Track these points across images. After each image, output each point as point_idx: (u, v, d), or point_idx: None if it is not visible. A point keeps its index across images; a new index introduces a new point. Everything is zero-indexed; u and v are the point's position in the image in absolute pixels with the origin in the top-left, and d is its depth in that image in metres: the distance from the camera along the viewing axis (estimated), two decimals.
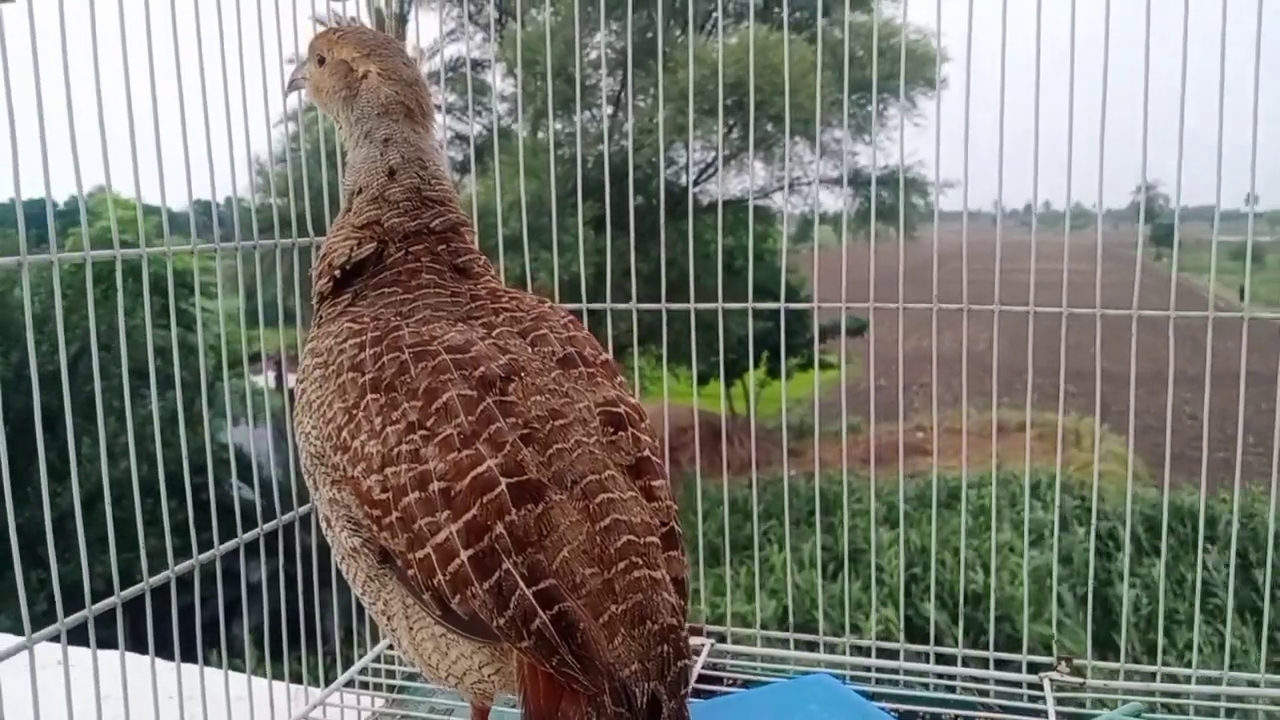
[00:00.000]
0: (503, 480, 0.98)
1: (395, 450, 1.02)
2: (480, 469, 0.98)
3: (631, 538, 0.99)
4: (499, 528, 0.95)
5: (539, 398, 1.07)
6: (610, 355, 1.23)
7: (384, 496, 1.02)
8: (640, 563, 0.98)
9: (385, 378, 1.07)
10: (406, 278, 1.26)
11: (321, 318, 1.30)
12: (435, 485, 0.99)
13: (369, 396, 1.07)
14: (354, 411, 1.07)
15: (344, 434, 1.08)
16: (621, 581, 0.96)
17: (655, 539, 1.01)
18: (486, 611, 0.95)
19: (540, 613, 0.93)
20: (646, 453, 1.09)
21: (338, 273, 1.30)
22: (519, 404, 1.05)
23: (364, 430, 1.06)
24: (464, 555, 0.95)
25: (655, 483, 1.07)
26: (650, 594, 0.96)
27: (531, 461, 1.00)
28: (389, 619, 1.11)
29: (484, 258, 1.35)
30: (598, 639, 0.93)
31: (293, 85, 1.49)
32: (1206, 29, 1.64)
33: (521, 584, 0.94)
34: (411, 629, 1.09)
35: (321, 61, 1.37)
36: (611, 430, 1.08)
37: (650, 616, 0.95)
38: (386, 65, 1.33)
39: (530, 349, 1.14)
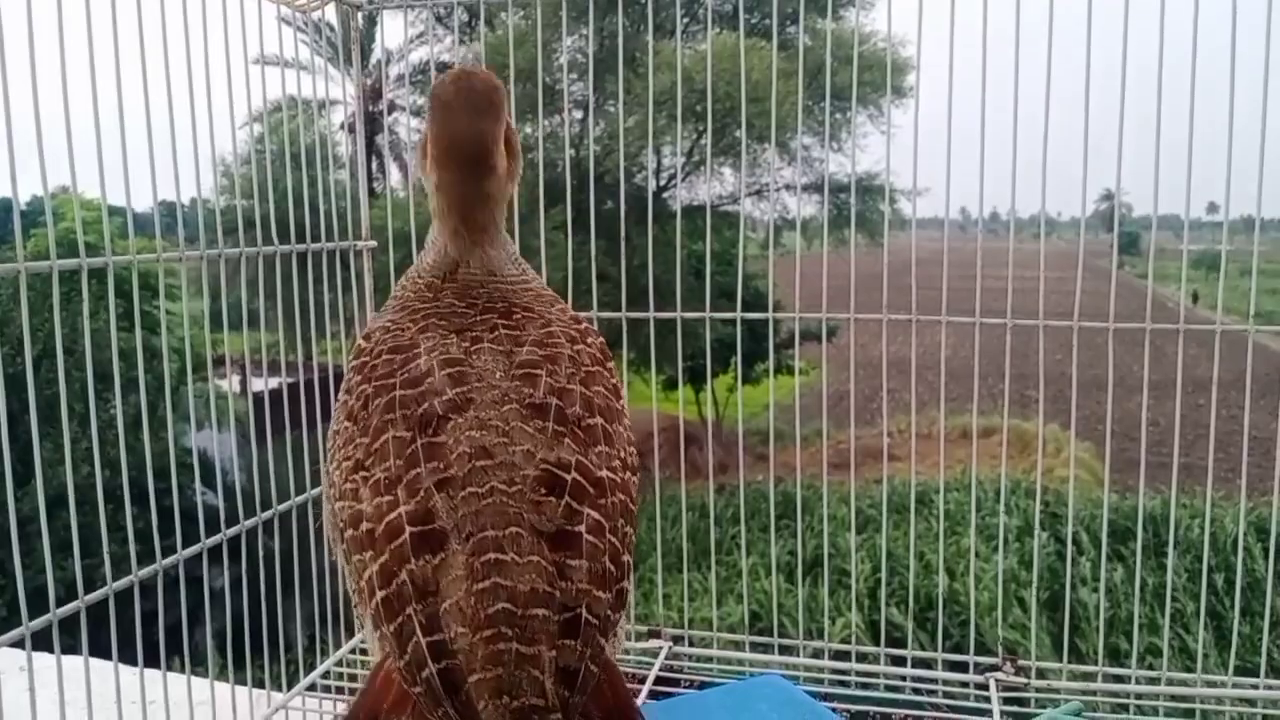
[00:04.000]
0: (408, 528, 0.99)
1: (344, 486, 1.08)
2: (393, 515, 1.00)
3: (508, 606, 0.94)
4: (403, 574, 0.97)
5: (474, 433, 1.04)
6: (614, 418, 1.12)
7: (340, 524, 1.08)
8: (510, 634, 0.93)
9: (354, 408, 1.12)
10: (432, 296, 1.24)
11: None
12: (364, 525, 1.03)
13: (343, 424, 1.12)
14: (336, 436, 1.13)
15: (327, 454, 1.15)
16: (483, 650, 0.93)
17: (545, 613, 0.95)
18: (394, 652, 0.97)
19: (430, 663, 0.93)
20: (579, 529, 1.00)
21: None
22: (446, 444, 1.03)
23: (335, 457, 1.12)
24: (379, 595, 0.98)
25: (573, 561, 0.98)
26: (513, 669, 0.92)
27: (442, 508, 0.99)
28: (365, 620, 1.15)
29: (535, 294, 1.26)
30: (477, 701, 0.92)
31: None
32: (1144, 46, 1.71)
33: (419, 632, 0.95)
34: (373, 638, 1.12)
35: None
36: (543, 491, 1.01)
37: (508, 692, 0.92)
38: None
39: (499, 374, 1.10)
